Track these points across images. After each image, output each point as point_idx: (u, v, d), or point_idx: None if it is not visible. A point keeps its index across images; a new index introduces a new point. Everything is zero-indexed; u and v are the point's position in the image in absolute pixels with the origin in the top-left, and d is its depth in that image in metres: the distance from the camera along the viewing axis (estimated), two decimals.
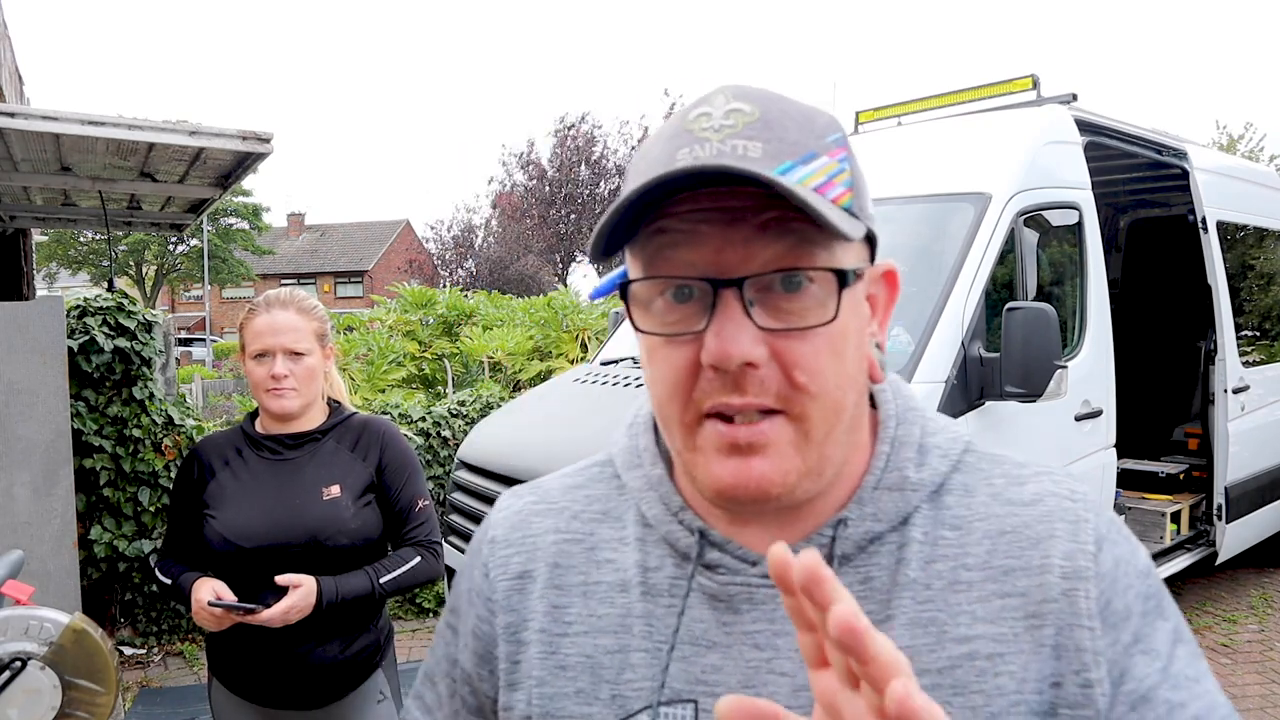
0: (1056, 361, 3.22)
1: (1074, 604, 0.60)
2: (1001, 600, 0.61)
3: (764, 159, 0.56)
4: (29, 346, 3.45)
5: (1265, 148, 15.18)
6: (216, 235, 31.53)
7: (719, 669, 0.64)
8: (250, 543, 1.86)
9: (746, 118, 0.58)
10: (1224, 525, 4.82)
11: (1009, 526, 0.64)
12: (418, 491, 2.03)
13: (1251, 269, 5.69)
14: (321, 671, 1.91)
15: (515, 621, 0.71)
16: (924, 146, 4.25)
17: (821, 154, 0.59)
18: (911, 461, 0.66)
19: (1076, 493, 0.66)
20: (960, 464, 0.68)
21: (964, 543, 0.64)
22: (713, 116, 0.59)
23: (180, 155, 3.70)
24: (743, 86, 0.61)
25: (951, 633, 0.61)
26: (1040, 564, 0.62)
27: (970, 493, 0.66)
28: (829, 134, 0.61)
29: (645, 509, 0.70)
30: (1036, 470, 0.68)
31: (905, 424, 0.69)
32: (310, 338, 1.95)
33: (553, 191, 27.74)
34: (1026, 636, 0.60)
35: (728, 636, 0.64)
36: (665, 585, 0.67)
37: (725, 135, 0.58)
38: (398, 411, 5.56)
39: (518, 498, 0.78)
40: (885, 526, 0.64)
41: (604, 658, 0.67)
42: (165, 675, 4.43)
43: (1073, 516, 0.64)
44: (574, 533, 0.73)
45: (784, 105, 0.60)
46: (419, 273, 30.72)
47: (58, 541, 3.50)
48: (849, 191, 0.60)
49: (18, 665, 1.24)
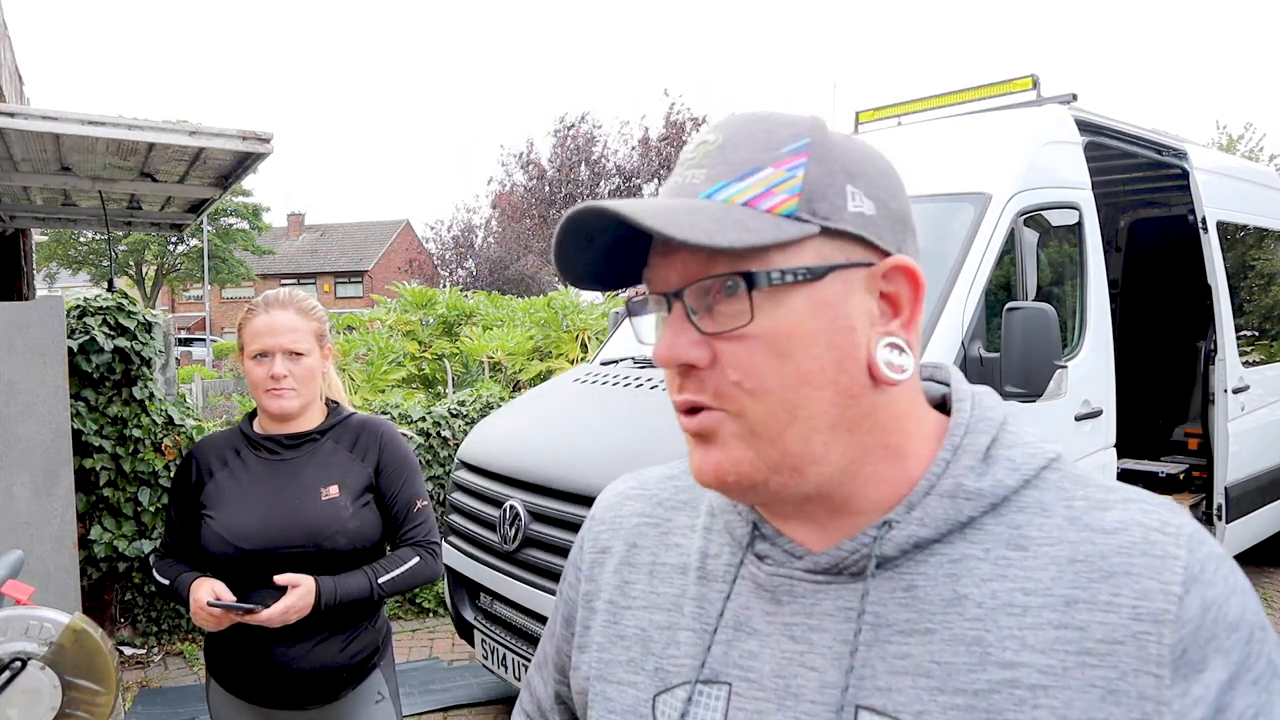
0: (1056, 361, 3.21)
1: (1143, 649, 0.56)
2: (1056, 631, 0.58)
3: (702, 184, 0.63)
4: (29, 346, 3.45)
5: (1265, 148, 15.20)
6: (216, 235, 31.53)
7: (755, 655, 0.66)
8: (249, 543, 1.86)
9: (709, 147, 0.65)
10: (1224, 525, 4.81)
11: (1081, 555, 0.60)
12: (416, 492, 2.03)
13: (1251, 269, 5.69)
14: (319, 672, 1.91)
15: (592, 590, 0.79)
16: (924, 146, 4.25)
17: (767, 165, 0.62)
18: (972, 470, 0.64)
19: (1169, 525, 0.60)
20: (1037, 480, 0.65)
21: (1028, 566, 0.61)
22: (688, 149, 0.67)
23: (180, 155, 3.70)
24: (735, 115, 0.67)
25: (996, 656, 0.59)
26: (1108, 600, 0.58)
27: (1046, 512, 0.63)
28: (789, 143, 0.63)
29: (712, 498, 0.75)
30: (1126, 496, 0.63)
31: (974, 433, 0.66)
32: (309, 338, 1.95)
33: (553, 191, 27.72)
34: (1076, 673, 0.57)
35: (768, 625, 0.67)
36: (720, 571, 0.71)
37: (686, 167, 0.66)
38: (398, 411, 5.55)
39: (622, 482, 0.85)
40: (933, 533, 0.63)
41: (655, 632, 0.73)
42: (165, 675, 4.43)
43: (1159, 551, 0.59)
44: (654, 517, 0.79)
45: (752, 126, 0.65)
46: (419, 273, 30.69)
47: (58, 541, 3.50)
48: (793, 197, 0.62)
49: (18, 665, 1.24)
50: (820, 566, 0.65)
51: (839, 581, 0.65)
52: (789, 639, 0.65)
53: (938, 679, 0.60)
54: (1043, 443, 0.68)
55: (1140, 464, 5.41)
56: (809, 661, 0.64)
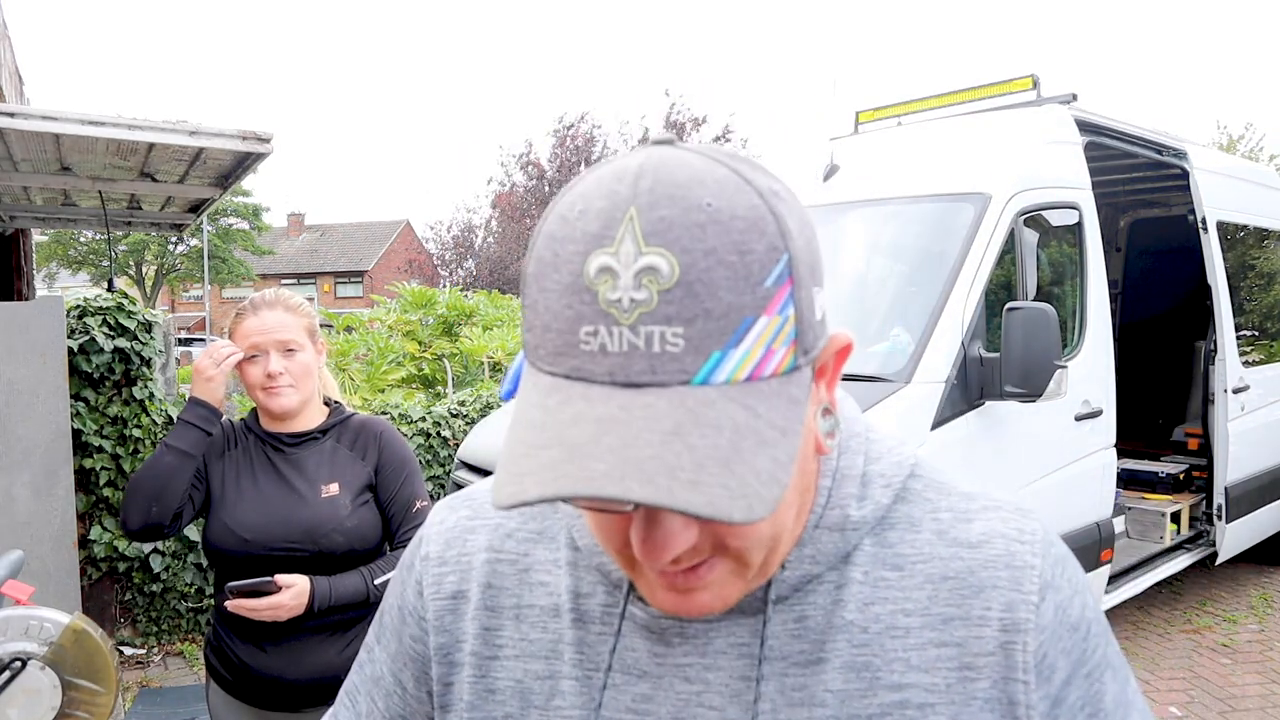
0: (1056, 361, 3.22)
1: (1010, 657, 0.60)
2: (937, 650, 0.60)
3: (685, 353, 0.47)
4: (29, 346, 3.45)
5: (1265, 148, 15.19)
6: (216, 235, 31.53)
7: (649, 699, 0.63)
8: (250, 535, 1.86)
9: (663, 283, 0.47)
10: (1224, 525, 4.82)
11: (952, 571, 0.62)
12: (416, 492, 2.03)
13: (1251, 269, 5.70)
14: (318, 674, 1.91)
15: (448, 643, 0.70)
16: (924, 146, 4.25)
17: (760, 313, 0.48)
18: (854, 497, 0.63)
19: (1025, 532, 0.63)
20: (905, 492, 0.66)
21: (905, 586, 0.62)
22: (621, 279, 0.47)
23: (180, 155, 3.70)
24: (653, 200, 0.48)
25: (885, 679, 0.60)
26: (980, 615, 0.61)
27: (915, 527, 0.64)
28: (771, 268, 0.49)
29: (577, 536, 0.68)
30: (985, 504, 0.65)
31: (847, 453, 0.65)
32: (301, 333, 1.96)
33: (552, 191, 27.73)
34: (959, 688, 0.60)
35: (659, 667, 0.64)
36: (597, 613, 0.66)
37: (637, 318, 0.47)
38: (398, 411, 5.55)
39: (452, 511, 0.75)
40: (823, 567, 0.63)
41: (534, 683, 0.66)
42: (165, 675, 4.43)
43: (1019, 562, 0.62)
44: (508, 553, 0.70)
45: (712, 241, 0.48)
46: (419, 273, 30.69)
47: (58, 541, 3.50)
48: (791, 347, 0.50)
49: (18, 665, 1.24)
50: None
51: (730, 619, 0.63)
52: (683, 680, 0.63)
53: (832, 708, 0.60)
54: (900, 445, 0.68)
55: (1140, 464, 5.41)
56: (706, 701, 0.62)
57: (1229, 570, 5.55)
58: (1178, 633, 4.79)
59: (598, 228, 0.49)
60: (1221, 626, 4.88)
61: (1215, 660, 4.44)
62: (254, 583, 1.79)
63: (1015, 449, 3.54)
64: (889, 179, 4.02)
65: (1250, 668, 4.37)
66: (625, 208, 0.49)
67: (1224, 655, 4.51)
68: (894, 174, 4.04)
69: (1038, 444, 3.64)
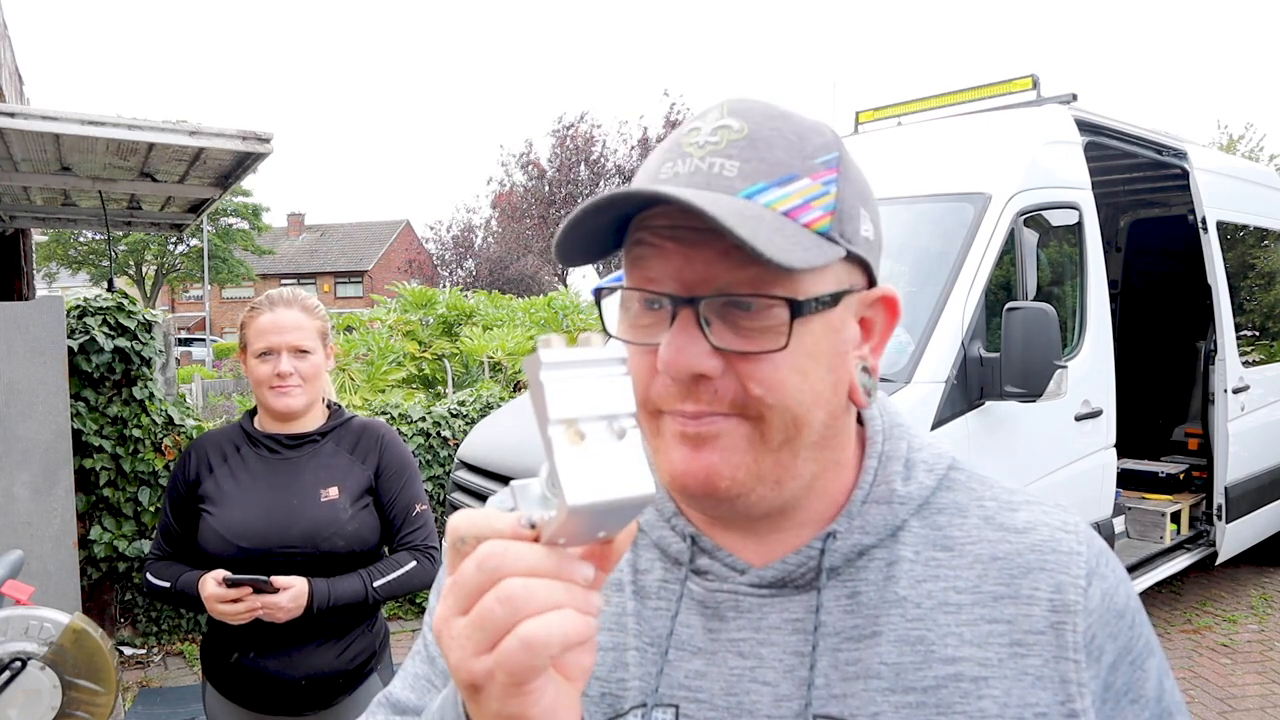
0: (1056, 361, 3.22)
1: (1061, 637, 0.62)
2: (989, 625, 0.63)
3: (738, 178, 0.59)
4: (29, 346, 3.45)
5: (1265, 148, 15.19)
6: (216, 235, 31.51)
7: (703, 675, 0.65)
8: (247, 541, 1.85)
9: (733, 135, 0.60)
10: (1224, 525, 4.82)
11: (1000, 553, 0.65)
12: (415, 495, 2.02)
13: (1251, 269, 5.70)
14: (316, 677, 1.90)
15: None
16: (924, 146, 4.25)
17: (804, 175, 0.60)
18: (899, 475, 0.67)
19: (1068, 523, 0.67)
20: (949, 481, 0.69)
21: (955, 565, 0.65)
22: (701, 132, 0.61)
23: (180, 155, 3.70)
24: (743, 101, 0.62)
25: (939, 653, 0.62)
26: (1029, 594, 0.63)
27: (963, 512, 0.68)
28: (821, 154, 0.61)
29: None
30: (1026, 498, 0.69)
31: (892, 439, 0.70)
32: (314, 336, 1.95)
33: (552, 191, 27.73)
34: (1011, 663, 0.62)
35: (713, 643, 0.65)
36: (654, 588, 0.69)
37: (707, 152, 0.60)
38: (398, 412, 5.55)
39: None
40: (873, 540, 0.65)
41: (602, 654, 0.68)
42: (165, 675, 4.43)
43: (1064, 548, 0.65)
44: None
45: (778, 122, 0.61)
46: (419, 273, 30.72)
47: (58, 541, 3.50)
48: (828, 215, 0.60)
49: (18, 665, 1.24)
50: (766, 581, 0.65)
51: (784, 594, 0.65)
52: (736, 655, 0.65)
53: (888, 680, 0.62)
54: (939, 443, 0.73)
55: (1140, 464, 5.41)
56: (760, 676, 0.64)
57: (1229, 570, 5.55)
58: (1178, 633, 4.79)
59: (695, 115, 0.64)
60: (1221, 626, 4.88)
61: (1215, 660, 4.44)
62: (251, 580, 1.79)
63: (1015, 449, 3.54)
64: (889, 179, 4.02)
65: (1250, 668, 4.37)
66: (719, 104, 0.63)
67: (1224, 655, 4.51)
68: (894, 174, 4.04)
69: (1038, 444, 3.64)
